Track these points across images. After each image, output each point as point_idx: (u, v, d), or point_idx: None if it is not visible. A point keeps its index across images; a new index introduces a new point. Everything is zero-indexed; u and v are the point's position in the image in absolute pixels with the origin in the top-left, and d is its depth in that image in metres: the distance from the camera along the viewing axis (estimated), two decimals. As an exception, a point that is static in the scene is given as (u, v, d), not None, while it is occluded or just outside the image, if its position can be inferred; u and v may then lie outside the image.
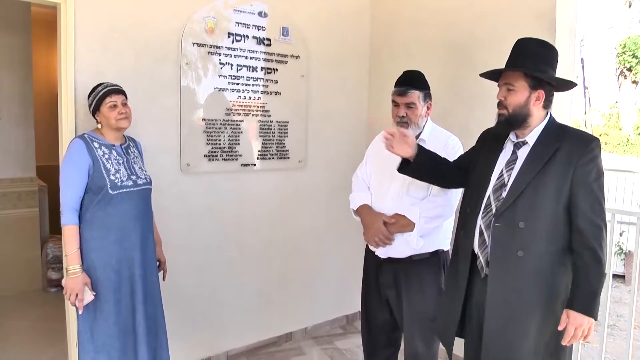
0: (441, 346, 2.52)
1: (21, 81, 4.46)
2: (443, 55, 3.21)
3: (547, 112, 1.94)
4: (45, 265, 4.60)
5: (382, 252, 2.44)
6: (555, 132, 1.88)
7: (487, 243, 1.92)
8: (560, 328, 1.80)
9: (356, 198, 2.56)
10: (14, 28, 4.37)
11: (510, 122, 1.90)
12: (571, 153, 1.80)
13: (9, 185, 4.45)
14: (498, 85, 1.97)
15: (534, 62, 1.87)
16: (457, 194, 2.38)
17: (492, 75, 2.00)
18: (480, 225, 1.96)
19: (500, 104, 1.92)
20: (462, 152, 2.41)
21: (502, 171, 1.95)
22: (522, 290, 1.84)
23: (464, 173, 2.17)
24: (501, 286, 1.87)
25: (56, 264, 4.52)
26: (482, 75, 2.04)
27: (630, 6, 16.76)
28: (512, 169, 1.92)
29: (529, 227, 1.82)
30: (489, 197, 1.95)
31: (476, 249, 1.98)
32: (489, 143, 2.09)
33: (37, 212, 4.63)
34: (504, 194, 1.89)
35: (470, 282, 2.03)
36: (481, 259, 1.97)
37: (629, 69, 16.14)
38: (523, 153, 1.92)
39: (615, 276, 5.55)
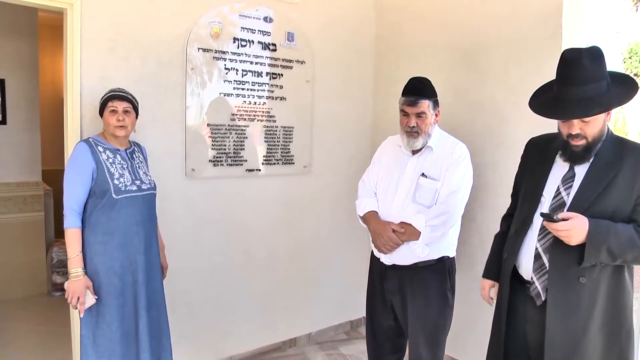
0: (447, 352, 2.52)
1: (28, 86, 4.48)
2: (448, 59, 3.20)
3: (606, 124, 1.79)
4: (50, 269, 4.61)
5: (387, 259, 2.43)
6: (615, 147, 1.74)
7: (547, 268, 1.77)
8: (560, 216, 1.66)
9: (363, 204, 2.55)
10: (21, 33, 4.40)
11: (591, 149, 1.73)
12: (635, 171, 1.68)
13: (15, 189, 4.47)
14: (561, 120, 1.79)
15: (600, 85, 1.68)
16: (463, 200, 2.36)
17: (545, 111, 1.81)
18: (537, 248, 1.81)
19: (578, 136, 1.71)
20: (468, 160, 2.40)
21: (559, 189, 1.80)
22: (585, 319, 1.70)
23: None
24: (563, 316, 1.72)
25: (61, 267, 4.52)
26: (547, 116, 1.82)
27: (637, 10, 16.69)
28: (571, 187, 1.77)
29: None
30: None
31: (529, 275, 1.83)
32: (536, 157, 1.95)
33: (42, 216, 4.65)
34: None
35: (517, 309, 1.91)
36: (538, 286, 1.80)
37: (636, 75, 16.04)
38: (581, 170, 1.76)
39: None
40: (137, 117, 2.43)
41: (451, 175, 2.33)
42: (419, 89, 2.37)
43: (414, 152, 2.44)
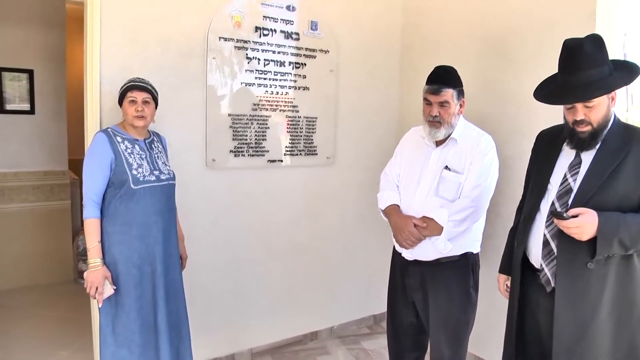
0: (470, 350, 2.45)
1: (55, 77, 4.56)
2: (476, 49, 3.09)
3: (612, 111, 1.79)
4: (77, 257, 4.70)
5: (408, 254, 2.37)
6: (621, 133, 1.75)
7: (555, 254, 1.77)
8: (570, 213, 1.66)
9: (384, 197, 2.49)
10: (50, 25, 4.47)
11: (597, 135, 1.74)
12: None
13: (42, 178, 4.56)
14: (565, 106, 1.80)
15: (602, 69, 1.70)
16: (488, 194, 2.28)
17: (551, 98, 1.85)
18: (545, 235, 1.81)
19: (582, 122, 1.73)
20: (494, 153, 2.32)
21: (565, 176, 1.81)
22: (594, 304, 1.70)
23: None
24: (571, 302, 1.72)
25: (87, 255, 4.59)
26: (552, 103, 1.86)
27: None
28: (577, 173, 1.78)
29: None
30: (552, 204, 1.81)
31: (539, 262, 1.84)
32: (544, 147, 1.97)
33: (69, 205, 4.74)
34: (570, 201, 1.75)
35: (529, 298, 1.90)
36: (547, 272, 1.81)
37: (676, 64, 15.46)
38: (588, 156, 1.77)
39: None
40: (156, 108, 2.41)
41: (476, 168, 2.25)
42: (442, 77, 2.30)
43: (438, 143, 2.36)
